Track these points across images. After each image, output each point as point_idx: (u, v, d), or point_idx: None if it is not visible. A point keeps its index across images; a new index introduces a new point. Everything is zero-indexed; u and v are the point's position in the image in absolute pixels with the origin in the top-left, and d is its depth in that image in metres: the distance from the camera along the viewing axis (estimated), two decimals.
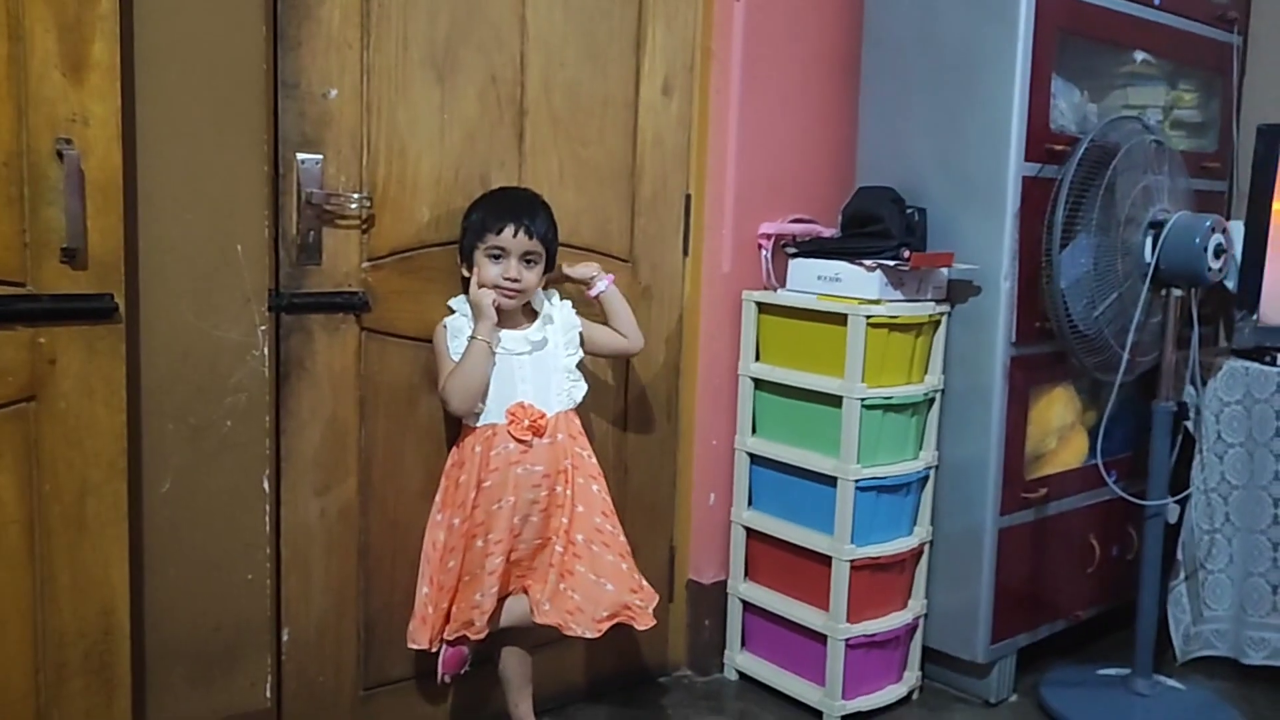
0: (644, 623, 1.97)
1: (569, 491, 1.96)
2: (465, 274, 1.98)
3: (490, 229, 1.92)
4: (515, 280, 1.92)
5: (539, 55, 2.13)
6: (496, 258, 1.92)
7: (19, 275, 1.54)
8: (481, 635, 1.95)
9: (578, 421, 2.02)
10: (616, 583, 1.96)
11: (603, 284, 2.09)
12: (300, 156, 1.86)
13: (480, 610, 1.92)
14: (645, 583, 2.02)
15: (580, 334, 2.05)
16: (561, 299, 2.07)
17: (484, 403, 1.92)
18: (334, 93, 1.89)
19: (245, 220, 1.79)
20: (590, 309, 2.12)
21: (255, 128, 1.78)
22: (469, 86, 2.05)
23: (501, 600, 1.98)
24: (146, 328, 1.70)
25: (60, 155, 1.53)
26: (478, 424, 1.93)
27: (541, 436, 1.93)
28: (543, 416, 1.93)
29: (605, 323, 2.12)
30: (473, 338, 1.89)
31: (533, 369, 1.96)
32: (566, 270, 2.11)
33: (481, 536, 1.92)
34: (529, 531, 1.95)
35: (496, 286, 1.91)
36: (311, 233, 1.89)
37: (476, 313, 1.91)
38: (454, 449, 1.99)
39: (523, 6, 2.09)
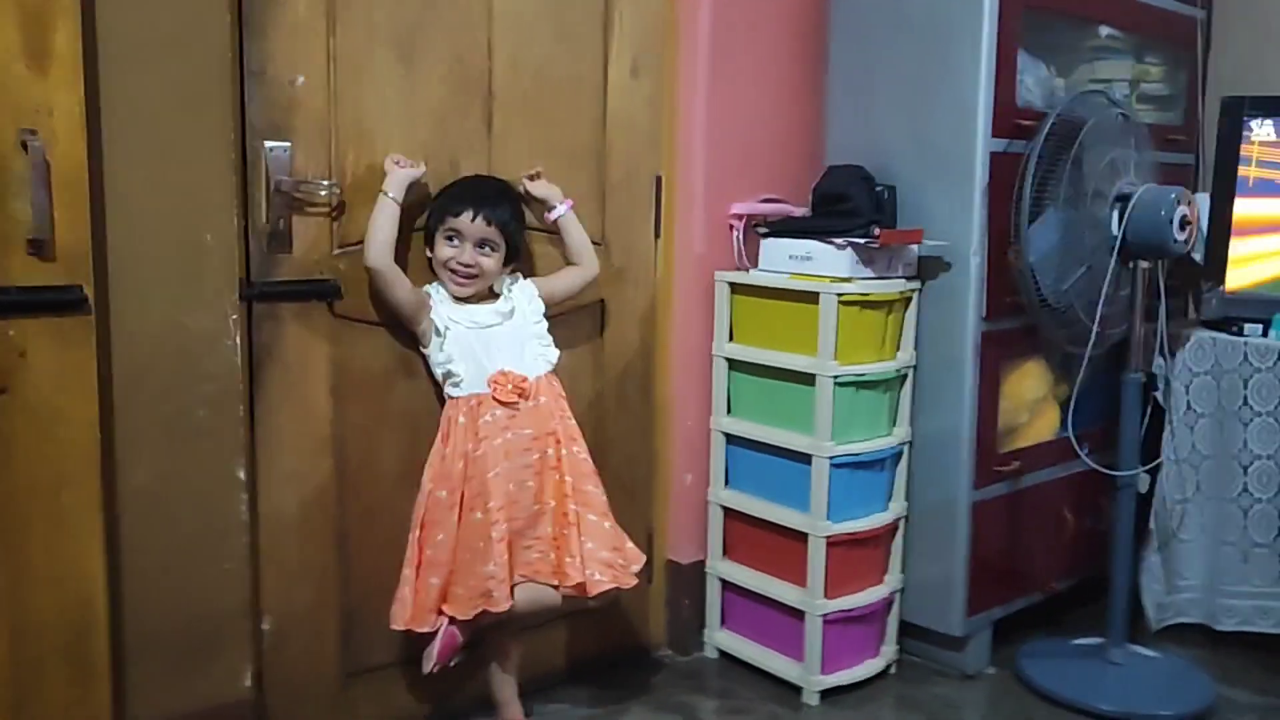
0: (625, 582, 2.01)
1: (563, 453, 2.00)
2: (429, 254, 2.01)
3: (449, 212, 1.96)
4: (468, 265, 1.96)
5: (506, 38, 2.12)
6: (452, 240, 1.96)
7: None
8: (503, 608, 1.92)
9: (558, 384, 2.06)
10: (598, 540, 2.00)
11: (562, 208, 2.12)
12: (268, 144, 1.86)
13: (496, 580, 1.91)
14: (630, 544, 2.07)
15: (541, 299, 2.08)
16: (520, 277, 2.10)
17: (461, 372, 1.96)
18: (301, 79, 1.88)
19: (214, 209, 1.78)
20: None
21: (222, 116, 1.77)
22: (436, 71, 2.04)
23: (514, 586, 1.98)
24: (117, 318, 1.70)
25: (25, 146, 1.52)
26: (460, 394, 1.96)
27: (527, 399, 1.97)
28: (525, 380, 1.97)
29: (559, 269, 2.17)
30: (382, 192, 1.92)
31: (507, 338, 1.99)
32: (529, 188, 2.12)
33: (480, 508, 1.92)
34: (525, 497, 1.97)
35: (446, 267, 1.97)
36: (281, 221, 1.89)
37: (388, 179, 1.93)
38: (441, 424, 2.00)
39: None
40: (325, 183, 1.92)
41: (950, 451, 2.36)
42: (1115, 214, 2.29)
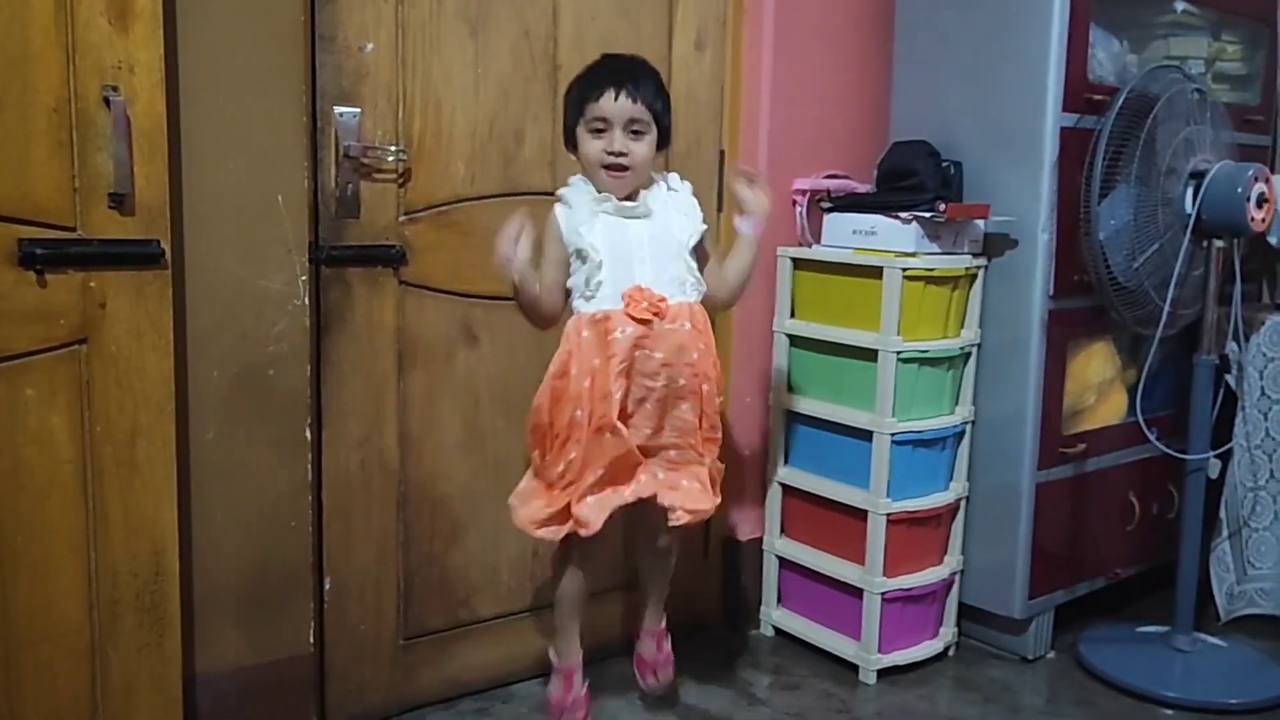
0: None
1: (703, 387, 1.80)
2: (573, 158, 1.86)
3: (589, 98, 1.77)
4: (621, 154, 1.77)
5: (571, 10, 2.14)
6: (599, 131, 1.78)
7: (70, 220, 1.57)
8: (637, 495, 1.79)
9: (704, 315, 1.84)
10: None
11: (746, 227, 1.92)
12: (338, 109, 1.89)
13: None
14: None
15: (702, 235, 1.86)
16: (682, 179, 1.90)
17: (605, 276, 1.76)
18: (370, 46, 1.91)
19: (285, 171, 1.81)
20: None
21: (294, 79, 1.80)
22: (502, 41, 2.06)
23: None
24: (191, 275, 1.73)
25: (107, 102, 1.56)
26: (588, 310, 1.77)
27: (662, 318, 1.76)
28: (663, 300, 1.77)
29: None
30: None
31: (651, 249, 1.79)
32: (734, 185, 1.95)
33: (608, 429, 1.75)
34: (640, 418, 1.78)
35: (602, 165, 1.78)
36: (349, 186, 1.92)
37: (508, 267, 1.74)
38: (562, 342, 1.79)
39: None
40: (393, 149, 1.95)
41: (1014, 432, 2.32)
42: (1189, 191, 2.24)
